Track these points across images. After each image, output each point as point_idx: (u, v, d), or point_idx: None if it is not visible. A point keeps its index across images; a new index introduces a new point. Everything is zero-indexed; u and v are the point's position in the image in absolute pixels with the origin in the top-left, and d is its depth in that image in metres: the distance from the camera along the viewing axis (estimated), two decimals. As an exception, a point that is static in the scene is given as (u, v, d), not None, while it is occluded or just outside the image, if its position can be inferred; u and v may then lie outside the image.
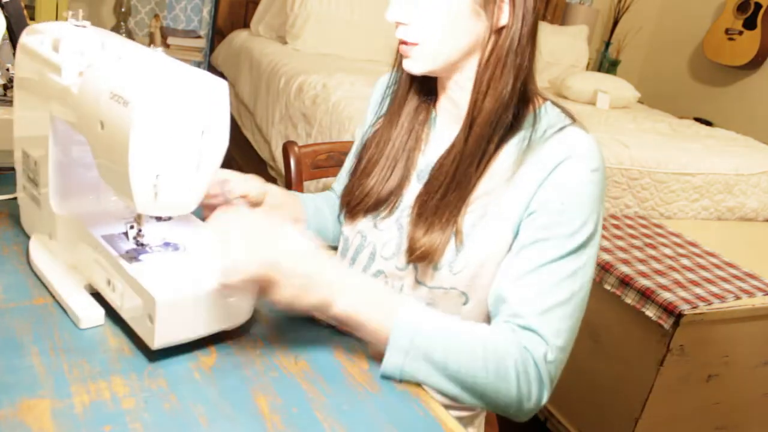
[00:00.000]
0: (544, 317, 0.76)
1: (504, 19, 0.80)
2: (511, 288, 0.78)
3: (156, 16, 3.04)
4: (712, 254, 1.86)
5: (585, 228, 0.78)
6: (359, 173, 0.96)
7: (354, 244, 0.97)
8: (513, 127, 0.83)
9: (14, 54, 0.93)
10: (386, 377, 0.71)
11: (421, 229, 0.84)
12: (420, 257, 0.83)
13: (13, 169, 0.85)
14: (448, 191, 0.83)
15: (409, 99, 0.94)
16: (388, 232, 0.92)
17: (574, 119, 0.84)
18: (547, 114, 0.84)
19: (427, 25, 0.81)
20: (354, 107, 2.01)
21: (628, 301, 1.58)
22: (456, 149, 0.84)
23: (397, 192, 0.92)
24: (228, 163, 0.71)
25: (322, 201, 1.07)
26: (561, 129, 0.81)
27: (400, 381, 0.71)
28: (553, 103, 0.87)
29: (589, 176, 0.79)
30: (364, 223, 0.95)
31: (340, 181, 1.09)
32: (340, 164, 1.14)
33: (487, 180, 0.83)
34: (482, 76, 0.82)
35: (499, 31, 0.81)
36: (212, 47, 3.31)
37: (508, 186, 0.81)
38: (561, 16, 3.84)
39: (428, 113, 0.94)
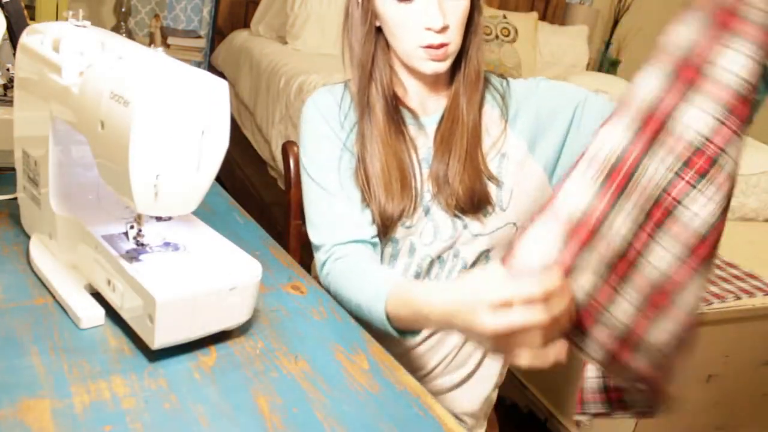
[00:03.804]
0: None
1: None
2: None
3: (156, 16, 3.04)
4: (712, 254, 1.86)
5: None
6: (376, 203, 0.95)
7: (387, 254, 0.98)
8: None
9: (14, 54, 0.93)
10: None
11: (458, 187, 0.94)
12: (478, 201, 0.95)
13: (13, 169, 0.85)
14: (466, 150, 0.96)
15: (379, 115, 0.97)
16: (419, 223, 0.96)
17: (503, 76, 1.07)
18: (490, 76, 1.04)
19: (457, 24, 0.93)
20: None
21: (629, 301, 1.58)
22: (455, 116, 0.97)
23: (416, 195, 0.97)
24: (228, 163, 0.71)
25: (371, 254, 0.97)
26: (508, 82, 1.05)
27: None
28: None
29: (553, 80, 1.04)
30: (392, 231, 0.97)
31: (349, 201, 0.97)
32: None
33: (486, 134, 0.99)
34: (470, 53, 0.98)
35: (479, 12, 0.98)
36: (212, 47, 3.31)
37: (508, 128, 1.00)
38: (561, 16, 3.84)
39: (398, 114, 0.99)
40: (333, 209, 0.97)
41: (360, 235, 0.94)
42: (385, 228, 0.95)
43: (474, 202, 0.95)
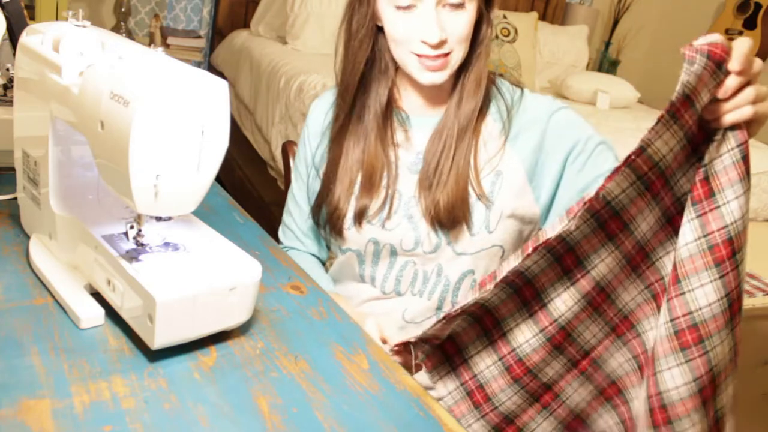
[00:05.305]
0: None
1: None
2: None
3: (156, 16, 3.04)
4: (712, 254, 1.85)
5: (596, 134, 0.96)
6: (340, 194, 0.98)
7: (369, 252, 0.98)
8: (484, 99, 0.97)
9: (14, 54, 0.93)
10: None
11: (440, 198, 0.93)
12: (451, 222, 0.92)
13: (13, 169, 0.85)
14: (453, 161, 0.93)
15: (365, 114, 0.98)
16: (400, 228, 0.96)
17: (520, 84, 1.01)
18: (504, 85, 1.00)
19: (459, 38, 0.90)
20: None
21: (628, 301, 1.58)
22: (447, 126, 0.95)
23: (390, 194, 0.97)
24: (228, 162, 0.71)
25: (313, 261, 1.11)
26: (522, 94, 0.99)
27: None
28: (498, 74, 1.02)
29: (574, 113, 0.98)
30: (369, 230, 0.96)
31: (300, 214, 1.11)
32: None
33: (484, 147, 0.95)
34: (473, 63, 0.95)
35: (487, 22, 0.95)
36: (212, 47, 3.31)
37: (507, 146, 0.95)
38: (561, 16, 3.84)
39: (389, 117, 0.99)
40: (290, 213, 1.11)
41: (306, 248, 1.10)
42: (339, 226, 0.99)
43: (451, 218, 0.92)
